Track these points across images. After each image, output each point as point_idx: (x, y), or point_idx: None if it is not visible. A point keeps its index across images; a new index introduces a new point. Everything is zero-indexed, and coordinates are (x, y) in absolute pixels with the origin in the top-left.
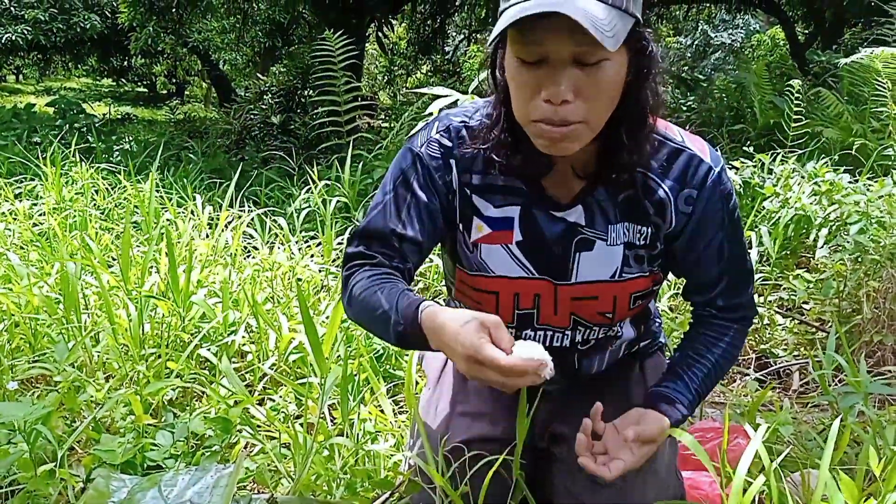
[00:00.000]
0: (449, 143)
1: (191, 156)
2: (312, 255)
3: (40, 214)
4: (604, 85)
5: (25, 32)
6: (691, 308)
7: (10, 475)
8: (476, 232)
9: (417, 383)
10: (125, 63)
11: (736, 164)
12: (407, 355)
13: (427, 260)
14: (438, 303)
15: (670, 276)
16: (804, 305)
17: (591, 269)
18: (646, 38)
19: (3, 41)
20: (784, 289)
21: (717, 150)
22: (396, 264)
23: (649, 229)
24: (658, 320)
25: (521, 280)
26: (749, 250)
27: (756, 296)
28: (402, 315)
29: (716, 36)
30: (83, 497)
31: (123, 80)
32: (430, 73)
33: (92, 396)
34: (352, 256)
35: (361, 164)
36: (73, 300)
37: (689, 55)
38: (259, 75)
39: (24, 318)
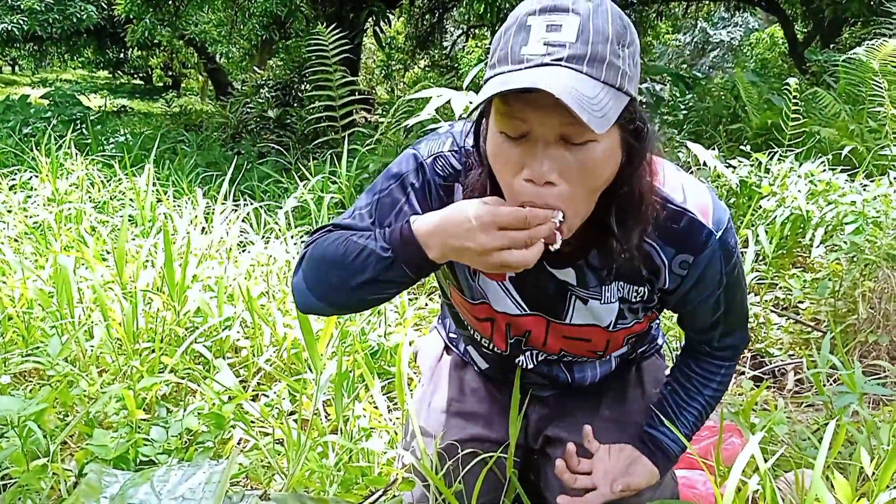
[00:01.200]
0: (459, 167)
1: (186, 149)
2: None
3: (35, 206)
4: (591, 166)
5: (21, 22)
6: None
7: (1, 469)
8: None
9: (411, 381)
10: (121, 55)
11: (733, 162)
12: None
13: None
14: None
15: None
16: (800, 305)
17: (585, 317)
18: (641, 117)
19: None
20: (780, 288)
21: (720, 204)
22: None
23: (645, 288)
24: (656, 322)
25: (515, 316)
26: (746, 295)
27: (752, 295)
28: (388, 240)
29: (715, 34)
30: (75, 492)
31: (119, 72)
32: (427, 69)
33: (85, 391)
34: (318, 229)
35: (357, 158)
36: (67, 294)
37: (687, 53)
38: (256, 69)
39: (17, 311)
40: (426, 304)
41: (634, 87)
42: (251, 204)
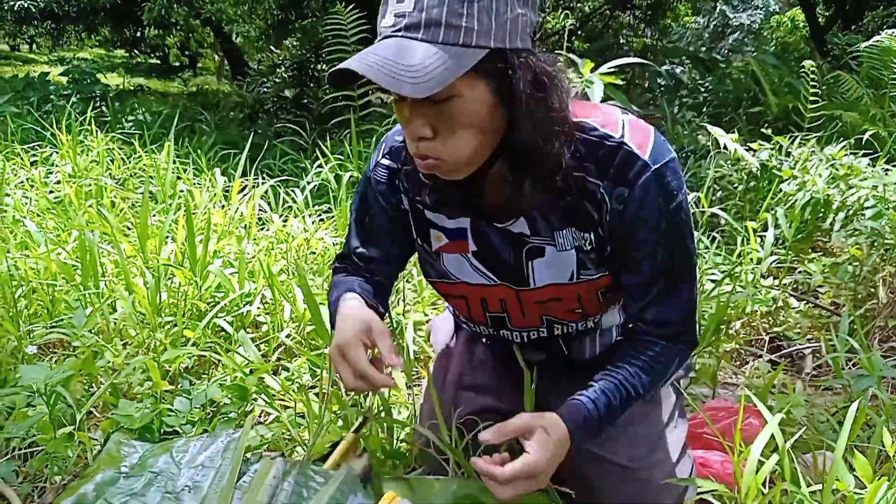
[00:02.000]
0: (394, 165)
1: (204, 127)
2: (326, 229)
3: (56, 182)
4: (459, 120)
5: (39, 1)
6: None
7: (29, 437)
8: (435, 242)
9: (429, 358)
10: (138, 34)
11: (753, 146)
12: (420, 330)
13: None
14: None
15: None
16: (819, 289)
17: (547, 274)
18: (512, 64)
19: (16, 10)
20: (799, 272)
21: (664, 143)
22: (368, 276)
23: (591, 234)
24: None
25: (485, 287)
26: (694, 265)
27: (772, 278)
28: (334, 299)
29: (734, 16)
30: (96, 461)
31: (136, 51)
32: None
33: (109, 362)
34: (335, 269)
35: (374, 138)
36: (91, 267)
37: (706, 35)
38: (272, 48)
39: (41, 284)
40: None
41: (503, 38)
42: (269, 181)
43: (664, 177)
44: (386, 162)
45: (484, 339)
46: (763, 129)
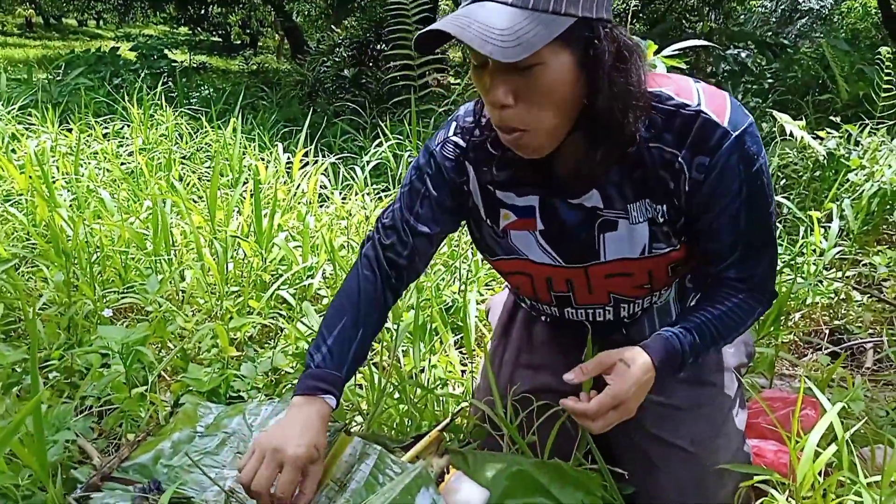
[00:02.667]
0: (464, 144)
1: (265, 104)
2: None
3: (128, 154)
4: (543, 89)
5: None
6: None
7: (104, 395)
8: (503, 220)
9: (484, 336)
10: (201, 12)
11: (821, 133)
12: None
13: None
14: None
15: None
16: (884, 283)
17: (619, 248)
18: (598, 35)
19: None
20: (863, 265)
21: (740, 107)
22: (402, 262)
23: (665, 206)
24: None
25: (550, 266)
26: (774, 228)
27: (835, 270)
28: (309, 360)
29: (803, 1)
30: (173, 419)
31: (199, 28)
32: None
33: (181, 327)
34: (369, 237)
35: (433, 119)
36: (164, 236)
37: (773, 20)
38: (332, 27)
39: (115, 251)
40: None
41: (591, 7)
42: (329, 158)
43: (744, 143)
44: (456, 139)
45: (544, 318)
46: (831, 118)
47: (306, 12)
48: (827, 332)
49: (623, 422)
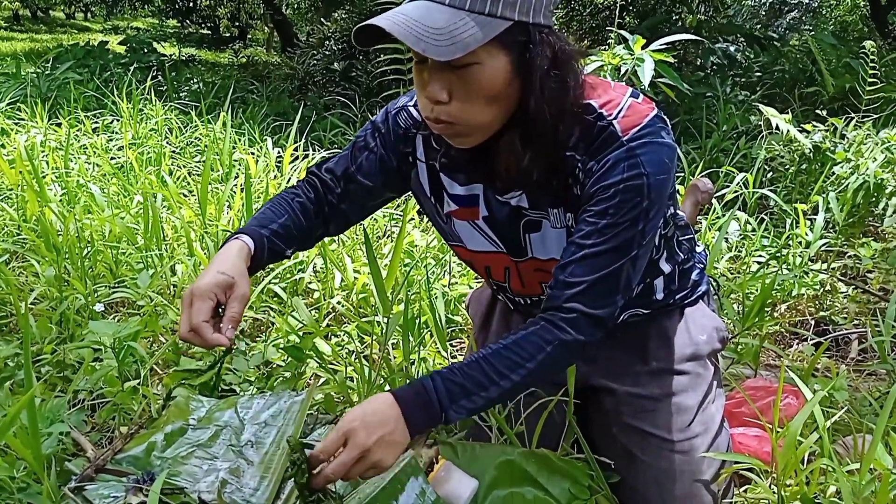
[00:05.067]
0: (419, 118)
1: (255, 98)
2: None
3: (118, 149)
4: (475, 87)
5: None
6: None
7: (97, 389)
8: (447, 206)
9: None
10: (190, 4)
11: (807, 127)
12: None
13: None
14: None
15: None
16: (868, 274)
17: (543, 248)
18: (533, 39)
19: None
20: (848, 256)
21: (659, 129)
22: (331, 199)
23: (572, 215)
24: (699, 267)
25: (491, 254)
26: (636, 249)
27: (820, 262)
28: (241, 228)
29: None
30: (165, 412)
31: (188, 21)
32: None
33: (173, 321)
34: (308, 173)
35: None
36: (154, 231)
37: (762, 13)
38: (322, 20)
39: (106, 246)
40: None
41: (528, 11)
42: (320, 152)
43: (636, 156)
44: (413, 111)
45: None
46: (818, 111)
47: (296, 5)
48: (812, 322)
49: (601, 414)
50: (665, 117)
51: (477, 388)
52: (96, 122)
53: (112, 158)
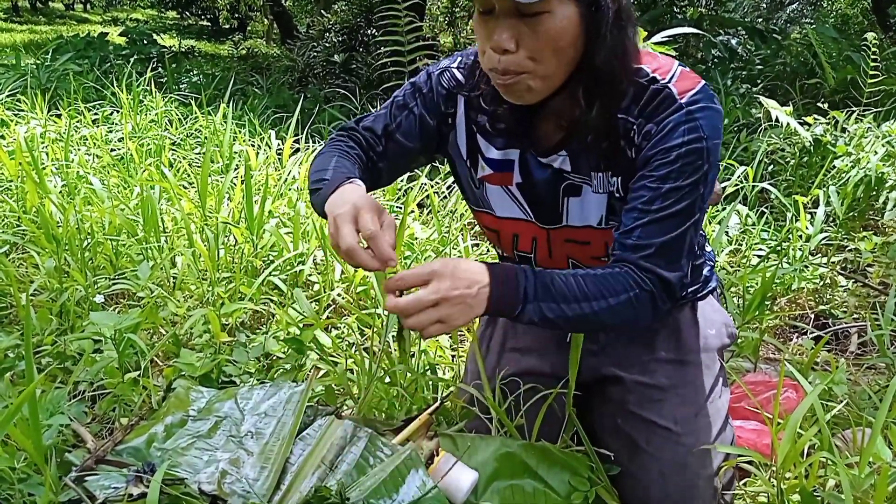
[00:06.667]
0: (462, 79)
1: (255, 90)
2: (375, 195)
3: (118, 140)
4: (545, 37)
5: None
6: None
7: (97, 380)
8: (481, 170)
9: (473, 322)
10: None
11: (808, 120)
12: None
13: None
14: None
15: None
16: (868, 268)
17: (580, 214)
18: None
19: None
20: (849, 250)
21: (710, 96)
22: (372, 156)
23: (619, 179)
24: (710, 264)
25: (521, 222)
26: (697, 212)
27: (820, 255)
28: (332, 177)
29: None
30: (165, 403)
31: (187, 12)
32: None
33: (173, 313)
34: (343, 129)
35: None
36: (153, 223)
37: (763, 6)
38: (322, 12)
39: (106, 238)
40: (487, 251)
41: None
42: (320, 145)
43: (695, 119)
44: (456, 73)
45: None
46: (819, 104)
47: None
48: (812, 316)
49: (607, 404)
50: None
51: (561, 299)
52: (96, 114)
53: (112, 150)
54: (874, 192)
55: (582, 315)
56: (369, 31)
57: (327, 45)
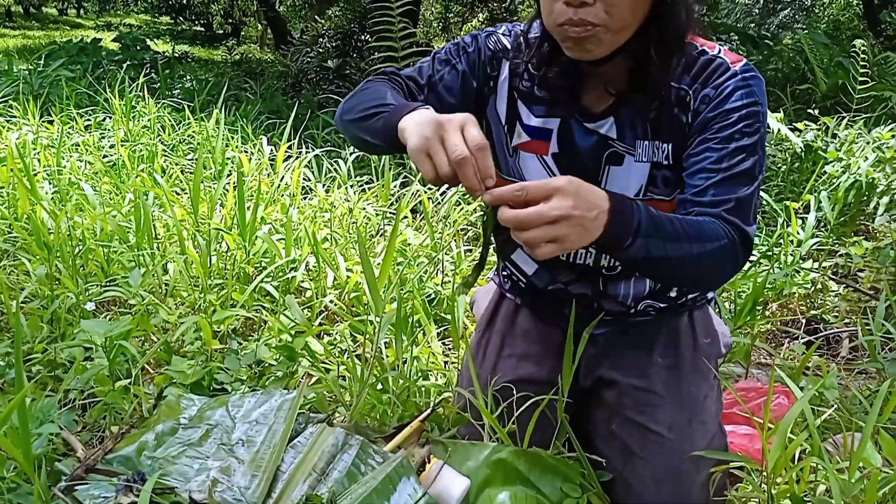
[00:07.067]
0: (508, 45)
1: (249, 96)
2: (368, 200)
3: (110, 146)
4: None
5: None
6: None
7: (88, 388)
8: (517, 137)
9: (467, 328)
10: (183, 1)
11: (799, 125)
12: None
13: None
14: None
15: None
16: (859, 273)
17: (618, 183)
18: None
19: None
20: (840, 255)
21: (756, 71)
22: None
23: (669, 146)
24: None
25: None
26: (759, 174)
27: (811, 261)
28: (402, 102)
29: None
30: (156, 411)
31: (181, 17)
32: (485, 22)
33: (165, 320)
34: (382, 73)
35: None
36: (146, 229)
37: (756, 11)
38: (316, 17)
39: (97, 244)
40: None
41: None
42: (313, 151)
43: (749, 84)
44: (503, 38)
45: (531, 269)
46: (810, 110)
47: (289, 2)
48: (804, 321)
49: (602, 408)
50: None
51: (667, 237)
52: (88, 120)
53: (104, 156)
54: (865, 198)
55: (681, 257)
56: (363, 37)
57: (321, 50)
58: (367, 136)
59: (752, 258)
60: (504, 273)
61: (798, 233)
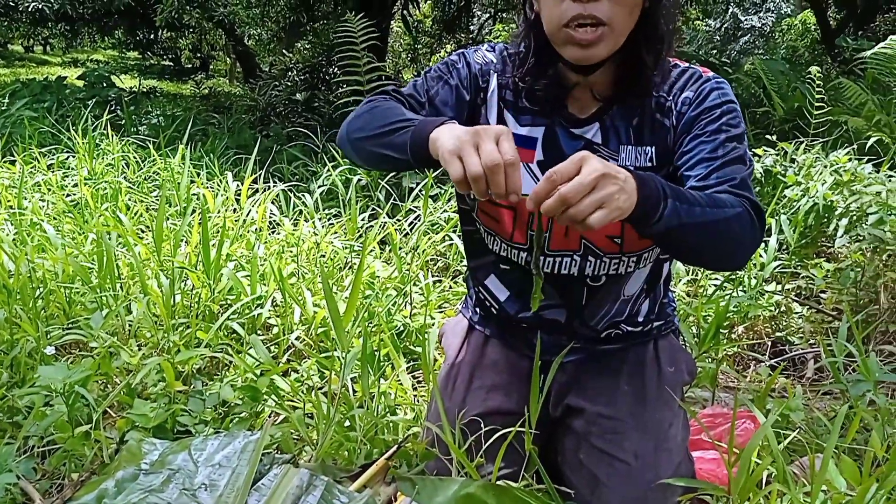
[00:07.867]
0: (493, 59)
1: (216, 131)
2: (336, 233)
3: (73, 185)
4: None
5: (53, 2)
6: None
7: (47, 435)
8: None
9: (436, 360)
10: (151, 36)
11: (758, 151)
12: (427, 333)
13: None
14: None
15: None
16: (821, 294)
17: None
18: None
19: (31, 11)
20: (802, 277)
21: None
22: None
23: (653, 148)
24: (673, 304)
25: None
26: (749, 164)
27: (774, 283)
28: (424, 118)
29: (746, 19)
30: (117, 458)
31: (149, 52)
32: (453, 52)
33: (126, 362)
34: (381, 92)
35: None
36: (108, 269)
37: (717, 39)
38: (284, 51)
39: (58, 286)
40: (450, 287)
41: None
42: (279, 186)
43: (722, 87)
44: (489, 54)
45: (504, 295)
46: (769, 136)
47: (258, 36)
48: (769, 343)
49: (570, 437)
50: None
51: (692, 201)
52: (51, 159)
53: (67, 195)
54: (824, 220)
55: (708, 222)
56: (331, 70)
57: (289, 83)
58: (387, 151)
59: (716, 283)
60: (476, 301)
61: (760, 256)
